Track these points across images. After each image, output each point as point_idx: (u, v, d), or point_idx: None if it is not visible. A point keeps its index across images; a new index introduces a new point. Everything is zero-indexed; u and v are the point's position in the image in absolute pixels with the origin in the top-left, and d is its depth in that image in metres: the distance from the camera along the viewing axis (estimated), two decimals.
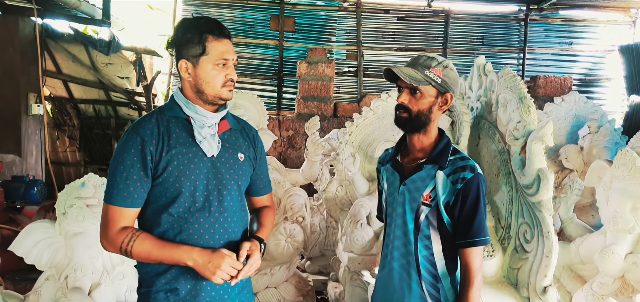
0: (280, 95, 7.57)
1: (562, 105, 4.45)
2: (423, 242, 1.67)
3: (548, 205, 2.17)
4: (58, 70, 7.03)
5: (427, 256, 1.68)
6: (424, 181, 1.66)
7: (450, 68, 1.67)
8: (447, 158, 1.66)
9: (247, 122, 1.81)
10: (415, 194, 1.67)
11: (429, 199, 1.64)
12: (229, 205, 1.62)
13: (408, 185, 1.68)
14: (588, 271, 2.87)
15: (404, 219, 1.69)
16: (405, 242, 1.70)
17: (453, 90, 1.68)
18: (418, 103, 1.65)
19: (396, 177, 1.74)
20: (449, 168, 1.64)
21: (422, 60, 1.66)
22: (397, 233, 1.72)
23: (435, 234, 1.66)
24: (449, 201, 1.63)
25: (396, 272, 1.72)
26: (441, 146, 1.68)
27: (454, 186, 1.62)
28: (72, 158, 8.06)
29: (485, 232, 1.63)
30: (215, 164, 1.60)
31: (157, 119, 1.59)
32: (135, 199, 1.54)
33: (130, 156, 1.52)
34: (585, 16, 7.85)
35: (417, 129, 1.68)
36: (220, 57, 1.56)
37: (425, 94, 1.65)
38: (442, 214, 1.64)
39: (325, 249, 4.56)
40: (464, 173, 1.61)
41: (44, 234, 2.61)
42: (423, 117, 1.66)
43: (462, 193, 1.60)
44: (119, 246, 1.52)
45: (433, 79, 1.63)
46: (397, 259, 1.72)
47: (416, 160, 1.72)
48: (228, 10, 7.63)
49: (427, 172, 1.66)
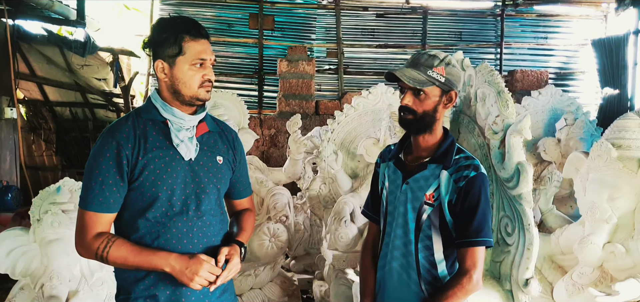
0: (261, 93, 7.53)
1: (539, 99, 4.50)
2: (424, 243, 1.64)
3: (528, 198, 2.19)
4: (32, 73, 6.86)
5: (428, 256, 1.64)
6: (427, 180, 1.63)
7: (452, 64, 1.63)
8: (452, 157, 1.63)
9: (226, 125, 1.78)
10: (418, 193, 1.64)
11: (432, 199, 1.61)
12: (207, 209, 1.59)
13: (411, 184, 1.65)
14: (568, 261, 2.91)
15: (405, 218, 1.66)
16: (405, 241, 1.66)
17: (457, 87, 1.65)
18: (423, 104, 1.61)
19: (398, 176, 1.70)
20: (453, 167, 1.62)
21: (424, 60, 1.61)
22: (398, 232, 1.68)
23: (437, 235, 1.63)
24: (452, 200, 1.60)
25: (395, 271, 1.69)
26: (446, 145, 1.66)
27: (456, 184, 1.59)
28: (48, 162, 7.88)
29: (487, 232, 1.58)
30: (193, 168, 1.57)
31: (134, 122, 1.55)
32: (111, 204, 1.51)
33: (105, 160, 1.49)
34: (558, 11, 7.99)
35: (423, 129, 1.65)
36: (197, 57, 1.53)
37: (430, 95, 1.61)
38: (445, 215, 1.61)
39: (310, 248, 4.55)
40: (467, 171, 1.59)
41: (17, 241, 2.54)
42: (428, 117, 1.63)
43: (464, 191, 1.58)
44: (94, 252, 1.48)
45: (437, 79, 1.59)
46: (396, 259, 1.68)
47: (420, 159, 1.68)
48: (206, 9, 7.54)
49: (431, 171, 1.63)
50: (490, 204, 1.65)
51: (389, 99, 3.62)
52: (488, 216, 1.60)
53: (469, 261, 1.58)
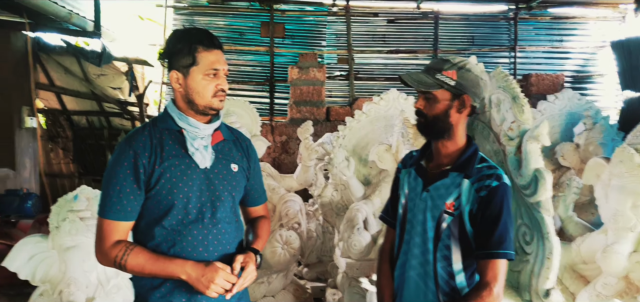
0: (273, 101, 7.55)
1: (555, 103, 4.44)
2: (442, 252, 1.60)
3: (547, 205, 2.15)
4: (51, 83, 6.99)
5: (446, 266, 1.60)
6: (448, 188, 1.59)
7: (466, 69, 1.58)
8: (474, 166, 1.59)
9: (240, 133, 1.80)
10: (438, 201, 1.60)
11: (452, 208, 1.57)
12: (222, 216, 1.60)
13: (431, 192, 1.62)
14: (590, 270, 2.82)
15: (424, 226, 1.62)
16: (423, 250, 1.63)
17: (472, 92, 1.59)
18: (432, 108, 1.59)
19: (419, 183, 1.67)
20: (475, 176, 1.58)
21: (435, 63, 1.60)
22: (416, 241, 1.64)
23: (456, 245, 1.59)
24: (472, 209, 1.56)
25: (412, 280, 1.65)
26: (468, 154, 1.62)
27: (477, 194, 1.55)
28: (66, 170, 8.00)
29: (509, 245, 1.53)
30: (208, 176, 1.59)
31: (150, 131, 1.58)
32: (129, 212, 1.53)
33: (122, 169, 1.51)
34: (574, 13, 7.88)
35: (438, 134, 1.62)
36: (210, 67, 1.55)
37: (439, 98, 1.58)
38: (465, 224, 1.57)
39: (323, 255, 4.53)
40: (489, 181, 1.55)
41: (37, 248, 2.58)
42: (440, 122, 1.59)
43: (485, 201, 1.53)
44: (113, 259, 1.50)
45: (445, 82, 1.56)
46: (414, 268, 1.65)
47: (441, 166, 1.65)
48: (218, 19, 7.61)
49: (452, 179, 1.60)
50: (512, 215, 1.61)
51: (401, 104, 3.60)
52: (510, 228, 1.55)
53: (489, 273, 1.53)
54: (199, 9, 7.55)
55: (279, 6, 7.52)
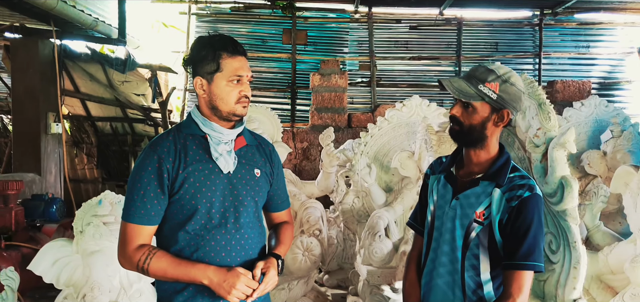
0: (294, 107, 7.58)
1: (582, 110, 4.35)
2: (471, 262, 1.56)
3: (573, 214, 2.10)
4: (76, 90, 7.15)
5: (474, 276, 1.57)
6: (478, 197, 1.56)
7: (510, 82, 1.53)
8: (506, 176, 1.55)
9: (263, 138, 1.81)
10: (468, 210, 1.57)
11: (482, 217, 1.54)
12: (245, 221, 1.60)
13: (461, 200, 1.58)
14: (619, 281, 2.75)
15: (453, 235, 1.59)
16: (452, 259, 1.59)
17: (512, 106, 1.54)
18: (470, 117, 1.55)
19: (448, 190, 1.63)
20: (506, 186, 1.54)
21: (479, 73, 1.55)
22: (445, 249, 1.61)
23: (485, 254, 1.55)
24: (503, 219, 1.52)
25: (440, 289, 1.62)
26: (500, 163, 1.58)
27: (508, 203, 1.51)
28: (90, 175, 8.16)
29: (537, 257, 1.50)
30: (231, 181, 1.59)
31: (174, 137, 1.59)
32: (152, 217, 1.54)
33: (147, 173, 1.53)
34: (601, 19, 7.72)
35: (471, 144, 1.58)
36: (234, 74, 1.56)
37: (478, 110, 1.54)
38: (495, 234, 1.53)
39: (344, 262, 4.51)
40: (521, 191, 1.51)
41: (61, 252, 2.62)
42: (476, 133, 1.56)
43: (516, 211, 1.50)
44: (136, 263, 1.52)
45: (487, 94, 1.51)
46: (441, 276, 1.61)
47: (472, 174, 1.61)
48: (241, 26, 7.69)
49: (482, 188, 1.56)
50: (543, 227, 1.57)
51: (424, 111, 3.57)
52: (540, 240, 1.51)
53: (514, 285, 1.49)
54: (222, 16, 7.65)
55: (301, 13, 7.57)
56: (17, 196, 4.26)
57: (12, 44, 5.99)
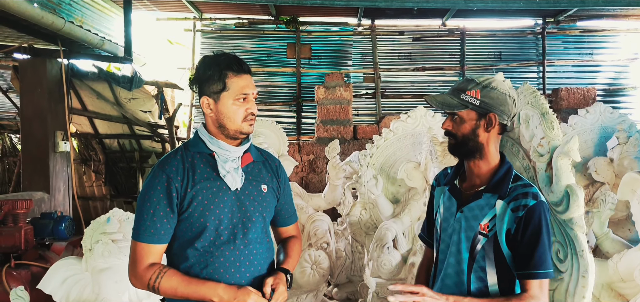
0: (300, 120, 7.62)
1: (587, 117, 4.34)
2: (477, 274, 1.59)
3: (580, 222, 2.10)
4: (83, 108, 7.22)
5: (481, 288, 1.59)
6: (482, 209, 1.58)
7: (491, 87, 1.59)
8: (508, 186, 1.58)
9: (269, 154, 1.83)
10: (473, 222, 1.59)
11: (487, 229, 1.56)
12: (254, 237, 1.62)
13: (465, 213, 1.61)
14: (629, 289, 2.73)
15: (458, 247, 1.61)
16: (458, 271, 1.62)
17: (498, 110, 1.59)
18: (459, 128, 1.60)
19: (453, 203, 1.67)
20: (510, 196, 1.56)
21: (459, 85, 1.62)
22: (451, 261, 1.64)
23: (491, 266, 1.57)
24: (511, 230, 1.53)
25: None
26: (501, 173, 1.61)
27: (515, 214, 1.53)
28: (98, 192, 8.20)
29: (549, 264, 1.53)
30: (239, 197, 1.61)
31: (182, 155, 1.62)
32: (162, 235, 1.56)
33: (156, 193, 1.55)
34: (604, 26, 7.72)
35: (469, 154, 1.62)
36: (240, 92, 1.59)
37: (465, 118, 1.59)
38: (501, 245, 1.55)
39: (352, 275, 4.50)
40: (526, 200, 1.53)
41: (71, 270, 2.64)
42: (470, 142, 1.60)
43: (524, 221, 1.51)
44: (147, 282, 1.53)
45: (469, 102, 1.57)
46: (448, 288, 1.63)
47: (475, 187, 1.64)
48: (245, 41, 7.76)
49: (486, 200, 1.59)
50: (551, 232, 1.59)
51: (429, 122, 3.58)
52: (549, 246, 1.54)
53: (534, 291, 1.52)
54: (227, 32, 7.73)
55: (305, 28, 7.63)
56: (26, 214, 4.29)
57: (20, 64, 6.06)
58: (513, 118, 1.70)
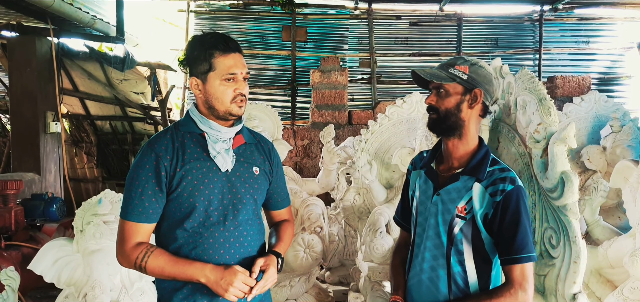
0: (294, 104, 7.58)
1: (581, 105, 4.36)
2: (456, 257, 1.58)
3: (573, 208, 2.11)
4: (74, 88, 7.13)
5: (460, 272, 1.58)
6: (459, 192, 1.57)
7: (479, 65, 1.59)
8: (486, 169, 1.57)
9: (262, 136, 1.80)
10: (449, 205, 1.58)
11: (464, 212, 1.55)
12: (244, 219, 1.60)
13: (442, 195, 1.60)
14: (618, 275, 2.77)
15: (436, 231, 1.60)
16: (436, 255, 1.60)
17: (484, 87, 1.59)
18: (444, 101, 1.58)
19: (429, 186, 1.65)
20: (487, 180, 1.55)
21: (448, 61, 1.61)
22: (428, 245, 1.62)
23: (469, 248, 1.57)
24: (488, 214, 1.53)
25: (424, 285, 1.63)
26: (479, 156, 1.60)
27: (492, 198, 1.52)
28: (90, 174, 8.15)
29: (531, 248, 1.52)
30: (230, 179, 1.59)
31: (172, 135, 1.59)
32: (150, 215, 1.54)
33: (144, 172, 1.53)
34: (601, 14, 7.71)
35: (449, 131, 1.61)
36: (227, 72, 1.55)
37: (451, 91, 1.58)
38: (479, 228, 1.55)
39: (345, 259, 4.52)
40: (504, 185, 1.52)
41: (62, 252, 2.62)
42: (452, 117, 1.58)
43: (502, 206, 1.51)
44: (133, 261, 1.52)
45: (457, 75, 1.57)
46: (426, 272, 1.62)
47: (452, 169, 1.63)
48: (240, 23, 7.68)
49: (463, 183, 1.57)
50: (530, 217, 1.58)
51: (424, 107, 3.54)
52: (529, 230, 1.53)
53: (518, 276, 1.51)
54: (221, 13, 7.64)
55: (301, 10, 7.55)
56: (16, 195, 4.25)
57: (9, 42, 5.96)
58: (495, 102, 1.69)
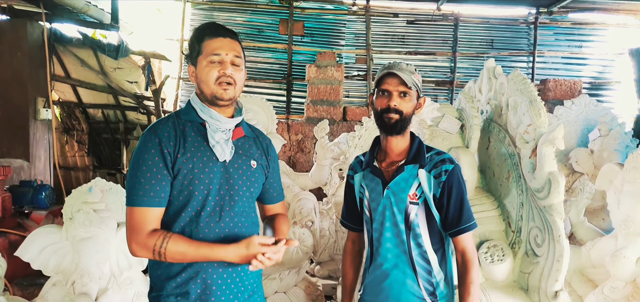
0: (290, 99, 7.57)
1: (572, 109, 4.41)
2: (416, 240, 1.72)
3: (559, 209, 2.15)
4: (66, 75, 7.07)
5: (421, 253, 1.72)
6: (407, 181, 1.71)
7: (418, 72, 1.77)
8: (425, 156, 1.73)
9: (261, 131, 1.82)
10: (401, 195, 1.71)
11: (416, 197, 1.70)
12: (240, 211, 1.61)
13: (392, 188, 1.72)
14: (599, 275, 2.83)
15: (393, 220, 1.72)
16: (397, 243, 1.73)
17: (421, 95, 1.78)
18: (406, 106, 1.71)
19: (377, 183, 1.77)
20: (429, 165, 1.72)
21: (405, 66, 1.72)
22: (387, 236, 1.74)
23: (425, 230, 1.72)
24: (436, 194, 1.69)
25: (389, 273, 1.75)
26: (416, 146, 1.76)
27: (437, 179, 1.68)
28: (80, 163, 8.10)
29: (472, 217, 1.73)
30: (227, 169, 1.60)
31: (174, 122, 1.60)
32: (162, 198, 1.52)
33: (150, 155, 1.51)
34: (595, 19, 7.77)
35: (402, 131, 1.74)
36: (212, 52, 1.56)
37: (412, 97, 1.72)
38: (431, 209, 1.70)
39: (335, 254, 4.54)
40: (445, 166, 1.69)
41: (50, 239, 2.61)
42: (408, 119, 1.73)
43: (448, 185, 1.68)
44: (152, 248, 1.48)
45: (416, 83, 1.72)
46: (389, 261, 1.75)
47: (395, 163, 1.76)
48: (236, 14, 7.64)
49: (409, 172, 1.72)
50: None
51: None
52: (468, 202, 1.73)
53: (469, 246, 1.71)
54: (218, 4, 7.60)
55: (299, 4, 7.54)
56: (4, 181, 4.22)
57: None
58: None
